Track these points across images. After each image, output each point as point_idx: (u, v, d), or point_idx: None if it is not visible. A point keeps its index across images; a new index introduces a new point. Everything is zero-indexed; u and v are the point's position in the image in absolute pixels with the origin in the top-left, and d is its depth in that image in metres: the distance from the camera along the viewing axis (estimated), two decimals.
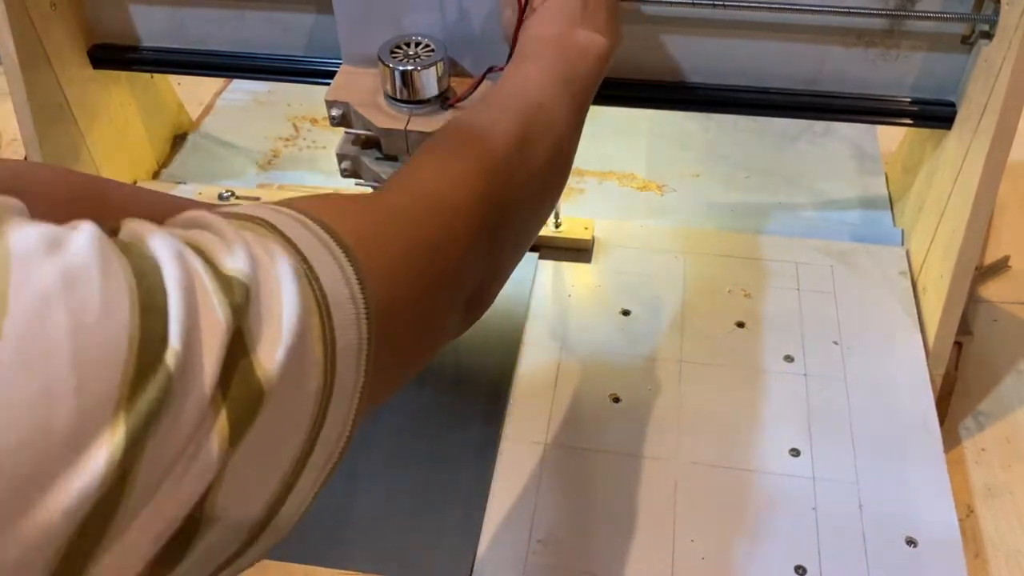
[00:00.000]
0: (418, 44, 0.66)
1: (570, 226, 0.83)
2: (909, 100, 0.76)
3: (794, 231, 0.86)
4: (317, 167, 0.96)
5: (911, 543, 0.63)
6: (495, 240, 0.44)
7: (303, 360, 0.29)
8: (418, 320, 0.38)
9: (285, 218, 0.32)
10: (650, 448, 0.68)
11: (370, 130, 0.68)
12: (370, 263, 0.33)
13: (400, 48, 0.66)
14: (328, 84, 0.70)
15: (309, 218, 0.33)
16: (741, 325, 0.77)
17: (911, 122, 0.78)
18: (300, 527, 0.29)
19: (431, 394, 0.74)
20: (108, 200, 0.40)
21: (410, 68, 0.64)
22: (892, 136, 0.93)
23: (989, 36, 0.69)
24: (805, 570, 0.62)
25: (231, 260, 0.28)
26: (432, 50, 0.66)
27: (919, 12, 0.70)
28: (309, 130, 1.01)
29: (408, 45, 0.66)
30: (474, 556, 0.63)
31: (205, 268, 0.27)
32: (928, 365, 0.74)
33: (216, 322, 0.26)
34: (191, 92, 1.04)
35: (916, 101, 0.76)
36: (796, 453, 0.68)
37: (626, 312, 0.78)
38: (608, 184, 0.93)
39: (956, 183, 0.74)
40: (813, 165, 0.94)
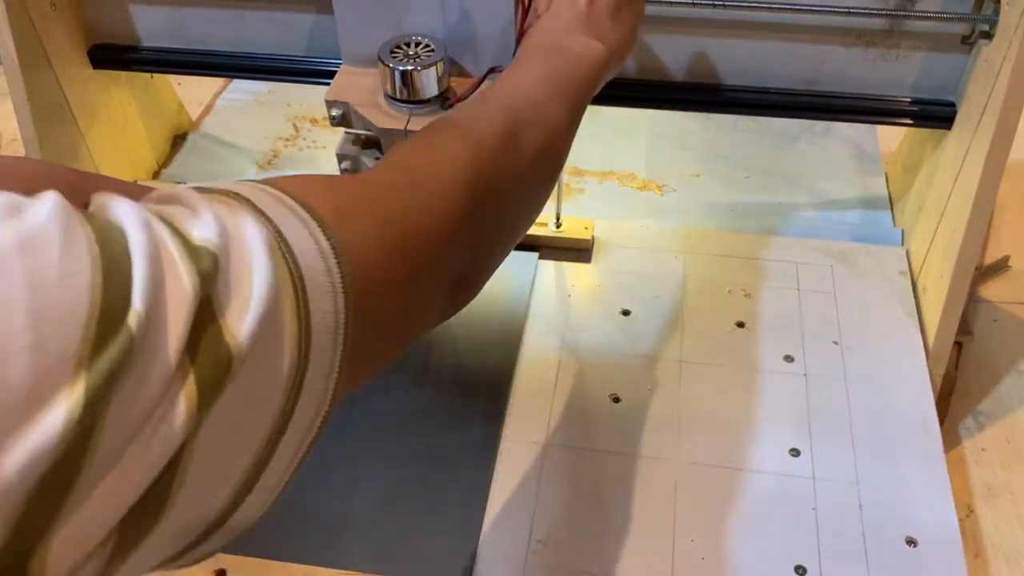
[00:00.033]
0: (418, 44, 0.66)
1: (570, 226, 0.83)
2: (909, 100, 0.76)
3: (794, 231, 0.86)
4: (317, 167, 0.96)
5: (911, 543, 0.63)
6: (482, 225, 0.43)
7: (274, 330, 0.29)
8: (400, 297, 0.38)
9: (260, 193, 0.32)
10: (650, 448, 0.68)
11: (370, 130, 0.68)
12: (348, 237, 0.33)
13: (400, 48, 0.66)
14: (328, 84, 0.70)
15: (286, 194, 0.33)
16: (741, 325, 0.77)
17: (911, 122, 0.78)
18: (300, 527, 0.29)
19: (431, 394, 0.74)
20: (92, 191, 0.40)
21: (410, 68, 0.64)
22: (892, 136, 0.93)
23: (989, 36, 0.69)
24: (805, 570, 0.62)
25: (200, 230, 0.28)
26: (432, 50, 0.66)
27: (919, 12, 0.70)
28: (309, 130, 1.01)
29: (408, 45, 0.66)
30: (474, 556, 0.63)
31: (172, 236, 0.27)
32: (928, 365, 0.74)
33: (182, 288, 0.26)
34: (191, 92, 1.04)
35: (916, 101, 0.76)
36: (796, 453, 0.68)
37: (626, 312, 0.78)
38: (608, 184, 0.93)
39: (956, 183, 0.74)
40: (813, 165, 0.94)
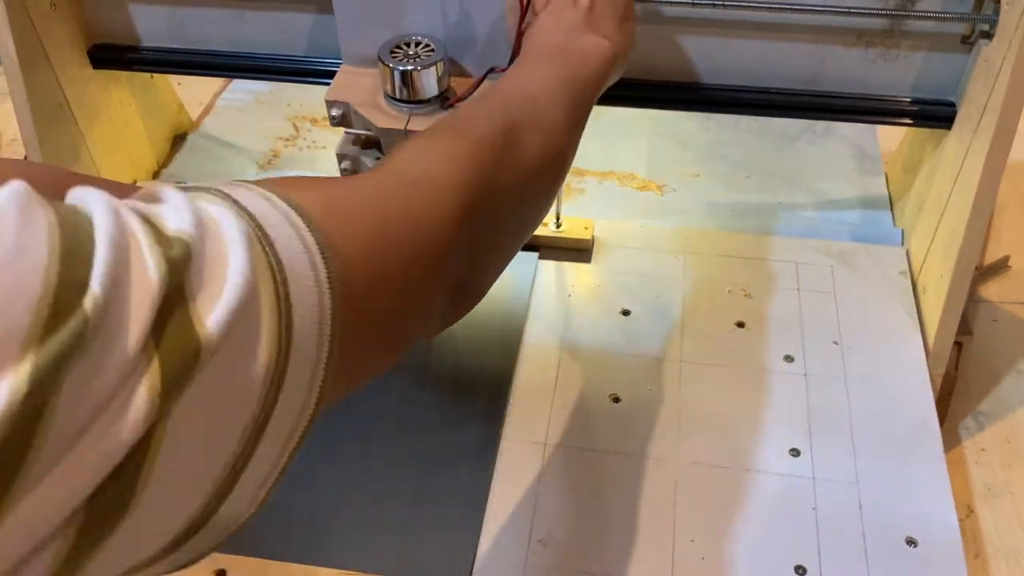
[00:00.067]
0: (418, 44, 0.66)
1: (570, 226, 0.83)
2: (909, 100, 0.76)
3: (794, 231, 0.86)
4: (317, 167, 0.96)
5: (911, 543, 0.63)
6: (482, 226, 0.43)
7: (250, 323, 0.28)
8: (393, 298, 0.37)
9: (244, 191, 0.32)
10: (650, 448, 0.68)
11: (370, 130, 0.68)
12: (335, 234, 0.32)
13: (400, 48, 0.66)
14: (328, 84, 0.70)
15: (272, 192, 0.32)
16: (741, 325, 0.77)
17: (911, 122, 0.78)
18: (300, 527, 0.28)
19: (431, 394, 0.74)
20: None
21: (410, 68, 0.64)
22: (892, 136, 0.93)
23: (989, 36, 0.69)
24: (805, 570, 0.62)
25: (175, 221, 0.28)
26: (432, 50, 0.66)
27: (919, 12, 0.70)
28: (309, 130, 1.01)
29: (408, 45, 0.66)
30: (474, 556, 0.63)
31: (143, 225, 0.27)
32: (928, 365, 0.74)
33: (148, 275, 0.26)
34: (191, 92, 1.04)
35: (916, 101, 0.76)
36: (796, 453, 0.68)
37: (626, 312, 0.78)
38: (608, 184, 0.93)
39: (956, 183, 0.74)
40: (813, 165, 0.94)
